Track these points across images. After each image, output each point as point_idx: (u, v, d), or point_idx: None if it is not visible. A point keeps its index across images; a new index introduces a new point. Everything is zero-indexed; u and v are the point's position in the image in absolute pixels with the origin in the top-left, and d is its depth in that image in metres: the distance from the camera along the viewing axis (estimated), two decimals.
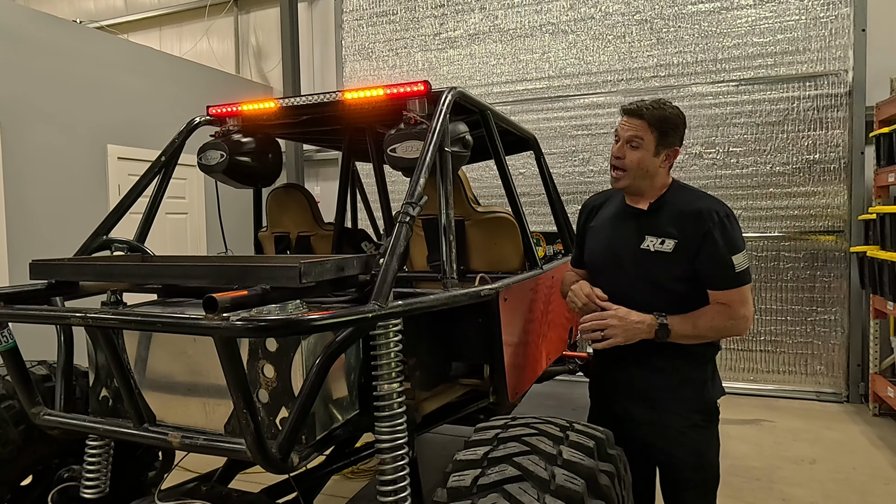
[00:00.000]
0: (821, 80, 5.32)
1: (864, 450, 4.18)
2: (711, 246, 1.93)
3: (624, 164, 2.02)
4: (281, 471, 1.53)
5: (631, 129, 2.02)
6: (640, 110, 2.01)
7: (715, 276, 1.95)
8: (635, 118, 2.02)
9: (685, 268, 1.97)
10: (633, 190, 2.08)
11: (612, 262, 2.10)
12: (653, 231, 2.01)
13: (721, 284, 1.95)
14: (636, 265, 2.02)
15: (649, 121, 2.00)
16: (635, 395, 2.09)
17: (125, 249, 2.29)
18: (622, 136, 2.04)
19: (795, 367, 5.51)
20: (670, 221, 2.00)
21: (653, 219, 2.03)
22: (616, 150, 2.04)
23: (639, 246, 2.02)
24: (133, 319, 1.47)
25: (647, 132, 2.00)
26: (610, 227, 2.16)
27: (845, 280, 5.32)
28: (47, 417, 1.79)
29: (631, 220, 2.09)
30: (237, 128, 2.61)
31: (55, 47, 4.84)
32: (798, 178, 5.43)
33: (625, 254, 2.06)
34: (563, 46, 6.19)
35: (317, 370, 1.46)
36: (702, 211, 1.96)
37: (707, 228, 1.93)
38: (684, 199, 2.05)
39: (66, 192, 4.86)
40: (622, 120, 2.06)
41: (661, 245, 1.98)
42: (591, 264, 2.21)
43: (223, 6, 7.59)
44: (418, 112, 2.15)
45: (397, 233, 1.70)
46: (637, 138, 2.00)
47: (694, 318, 1.95)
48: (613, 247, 2.11)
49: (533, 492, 1.34)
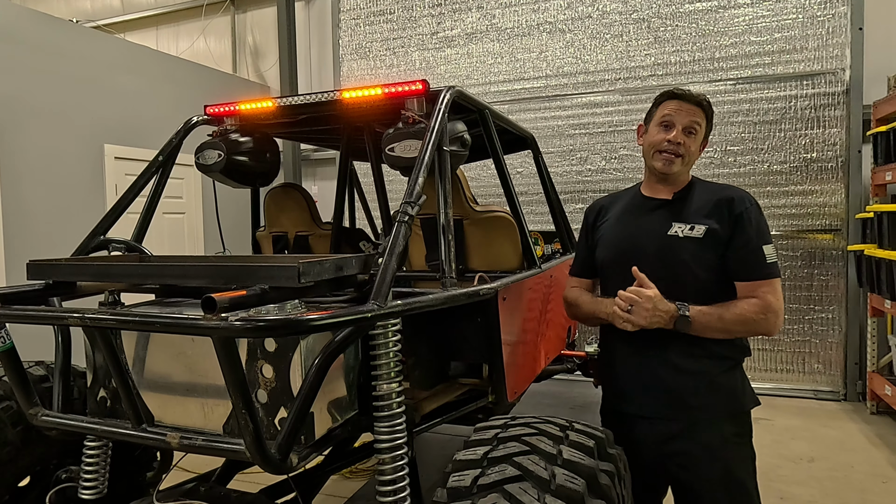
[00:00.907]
0: (818, 79, 5.33)
1: (862, 448, 4.19)
2: (744, 233, 1.87)
3: (680, 150, 1.94)
4: (280, 471, 1.52)
5: (690, 115, 1.94)
6: (696, 97, 1.95)
7: (746, 265, 1.88)
8: (692, 105, 1.94)
9: (715, 255, 1.89)
10: (672, 179, 2.01)
11: (631, 253, 1.98)
12: (681, 217, 1.94)
13: (752, 274, 1.87)
14: (661, 252, 1.93)
15: (706, 109, 1.96)
16: (657, 402, 1.93)
17: (123, 249, 2.28)
18: (678, 122, 1.94)
19: (793, 365, 5.52)
20: (700, 208, 1.94)
21: (680, 206, 1.98)
22: (674, 137, 1.93)
23: (665, 232, 1.94)
24: (131, 320, 1.47)
25: (703, 120, 1.96)
26: (627, 220, 2.07)
27: (843, 278, 5.33)
28: (45, 418, 1.78)
29: (654, 210, 2.02)
30: (235, 127, 2.60)
31: (52, 47, 4.82)
32: (795, 176, 5.44)
33: (648, 242, 1.97)
34: (560, 45, 6.18)
35: (316, 370, 1.46)
36: (734, 198, 1.91)
37: (740, 214, 1.88)
38: (712, 189, 2.01)
39: (63, 191, 4.84)
40: (675, 105, 1.95)
41: (690, 231, 1.91)
42: (606, 259, 2.09)
43: (220, 5, 7.57)
44: (416, 111, 2.14)
45: (396, 232, 1.70)
46: (696, 125, 1.94)
47: (720, 310, 1.84)
48: (634, 237, 2.01)
49: (533, 492, 1.33)
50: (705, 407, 1.90)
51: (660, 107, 2.00)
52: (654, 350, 1.93)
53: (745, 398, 1.95)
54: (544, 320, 2.88)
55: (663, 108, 1.98)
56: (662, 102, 1.99)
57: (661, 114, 1.98)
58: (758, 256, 1.87)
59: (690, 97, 1.94)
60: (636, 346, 1.96)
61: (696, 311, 1.83)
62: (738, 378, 1.95)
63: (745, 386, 1.96)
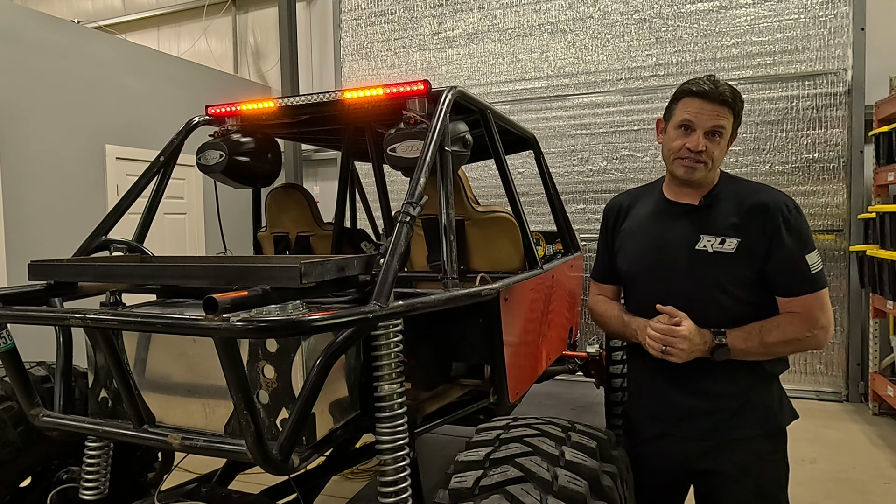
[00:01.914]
0: (820, 79, 5.32)
1: (864, 449, 4.18)
2: (783, 245, 1.68)
3: (704, 157, 1.72)
4: (281, 472, 1.52)
5: (714, 118, 1.69)
6: (721, 95, 1.68)
7: (789, 280, 1.69)
8: (717, 104, 1.69)
9: (750, 271, 1.71)
10: (695, 183, 1.78)
11: (658, 268, 1.83)
12: (710, 229, 1.74)
13: (796, 289, 1.69)
14: (690, 269, 1.75)
15: (732, 106, 1.71)
16: (689, 424, 1.81)
17: (124, 250, 2.28)
18: (700, 126, 1.70)
19: (794, 366, 5.50)
20: (731, 217, 1.73)
21: (708, 215, 1.77)
22: (695, 145, 1.70)
23: (694, 247, 1.75)
24: (132, 320, 1.46)
25: (728, 121, 1.72)
26: (651, 227, 1.87)
27: (845, 279, 5.32)
28: (46, 419, 1.78)
29: (680, 217, 1.81)
30: (236, 128, 2.60)
31: (53, 47, 4.83)
32: (797, 177, 5.43)
33: (675, 257, 1.78)
34: (561, 46, 6.18)
35: (317, 371, 1.45)
36: (769, 204, 1.70)
37: (776, 224, 1.68)
38: (743, 191, 1.78)
39: (64, 192, 4.84)
40: (697, 104, 1.70)
41: (720, 245, 1.71)
42: (631, 271, 1.91)
43: (221, 6, 7.58)
44: (418, 111, 2.14)
45: (398, 233, 1.69)
46: (721, 127, 1.71)
47: (762, 332, 1.68)
48: (659, 249, 1.82)
49: (535, 493, 1.33)
50: (740, 427, 1.77)
51: (679, 105, 1.76)
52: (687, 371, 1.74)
53: (783, 414, 1.82)
54: (546, 321, 2.88)
55: (683, 107, 1.74)
56: (681, 100, 1.75)
57: (680, 115, 1.74)
58: (800, 268, 1.69)
59: (714, 96, 1.69)
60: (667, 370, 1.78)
61: (734, 337, 1.68)
62: (774, 394, 1.81)
63: (782, 401, 1.83)
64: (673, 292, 1.77)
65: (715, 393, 1.77)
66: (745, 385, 1.77)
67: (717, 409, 1.78)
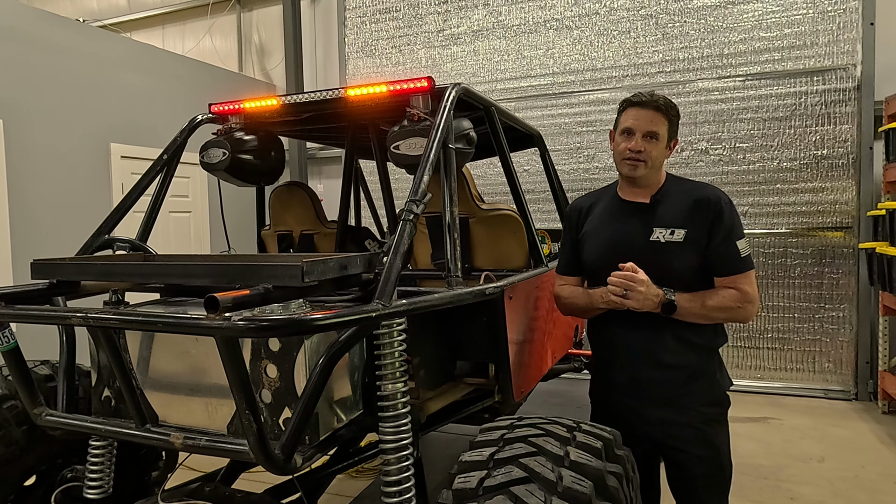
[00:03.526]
0: (829, 75, 5.27)
1: (873, 448, 4.14)
2: (720, 233, 1.96)
3: (643, 157, 2.00)
4: (284, 472, 1.51)
5: (647, 122, 1.99)
6: (655, 102, 1.99)
7: (724, 262, 1.98)
8: (651, 110, 1.99)
9: (697, 256, 1.99)
10: (642, 182, 2.07)
11: (618, 259, 2.04)
12: (661, 223, 2.02)
13: (730, 270, 1.98)
14: (647, 258, 1.99)
15: (665, 113, 2.00)
16: (645, 395, 2.07)
17: (127, 249, 2.27)
18: (638, 129, 2.00)
19: (803, 364, 5.47)
20: (677, 212, 2.01)
21: (658, 211, 2.04)
22: (634, 146, 2.00)
23: (648, 238, 2.02)
24: (134, 319, 1.46)
25: (662, 125, 2.01)
26: (610, 224, 2.14)
27: (854, 276, 5.27)
28: (49, 418, 1.78)
29: (634, 214, 2.08)
30: (240, 125, 2.59)
31: (58, 46, 4.84)
32: (806, 173, 5.39)
33: (632, 248, 2.03)
34: (567, 42, 6.15)
35: (320, 370, 1.45)
36: (709, 199, 1.99)
37: (714, 215, 1.97)
38: (685, 189, 2.08)
39: (69, 190, 4.86)
40: (634, 112, 2.02)
41: (671, 235, 1.99)
42: (594, 264, 2.16)
43: (226, 4, 7.58)
44: (422, 109, 2.13)
45: (401, 231, 1.68)
46: (655, 132, 2.00)
47: (703, 297, 1.97)
48: (619, 243, 2.08)
49: (540, 494, 1.32)
50: (690, 395, 2.04)
51: (622, 115, 2.06)
52: (643, 349, 2.05)
53: (723, 381, 2.12)
54: (551, 319, 2.86)
55: (625, 117, 2.04)
56: (624, 111, 2.06)
57: (623, 123, 2.04)
58: (733, 253, 1.97)
59: (648, 103, 1.99)
60: (626, 346, 2.08)
61: (681, 297, 1.94)
62: (715, 364, 2.10)
63: (722, 370, 2.12)
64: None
65: (668, 364, 2.03)
66: (694, 357, 2.04)
67: (670, 378, 2.04)
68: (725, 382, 2.12)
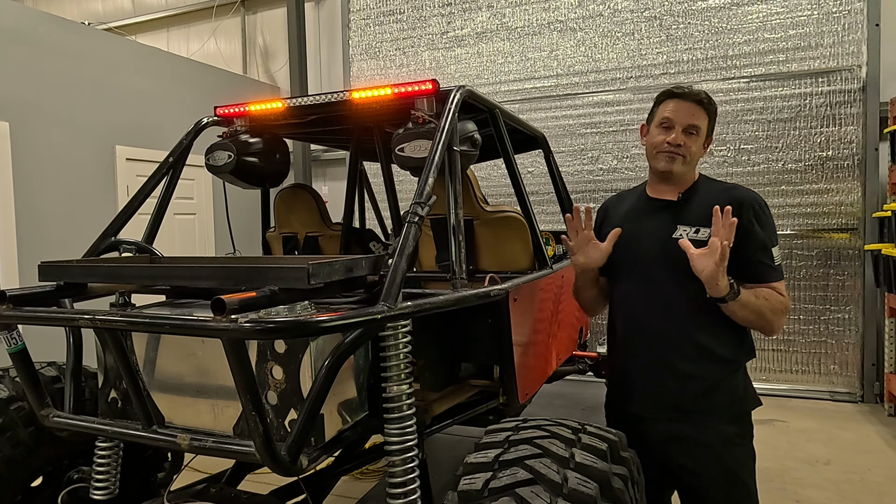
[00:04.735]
0: (834, 76, 5.26)
1: (880, 450, 4.12)
2: (753, 237, 1.85)
3: (682, 151, 1.92)
4: (290, 473, 1.51)
5: (689, 116, 1.91)
6: (697, 95, 1.92)
7: (755, 269, 1.87)
8: (692, 103, 1.91)
9: None
10: (675, 178, 1.97)
11: (636, 256, 1.99)
12: (686, 220, 1.92)
13: (763, 277, 1.87)
14: (665, 256, 1.90)
15: (706, 108, 1.93)
16: (659, 405, 1.95)
17: (133, 251, 2.29)
18: (678, 122, 1.91)
19: (809, 366, 5.45)
20: (705, 210, 1.86)
21: (685, 208, 1.95)
22: (674, 138, 1.90)
23: (670, 236, 1.92)
24: (141, 321, 1.46)
25: (703, 120, 1.93)
26: (632, 220, 2.05)
27: (859, 278, 5.26)
28: (56, 419, 1.79)
29: (658, 211, 2.00)
30: (245, 128, 2.60)
31: (64, 49, 4.86)
32: (811, 175, 5.37)
33: (652, 245, 1.95)
34: (571, 44, 6.15)
35: (326, 372, 1.45)
36: (742, 200, 1.87)
37: (749, 219, 1.85)
38: (717, 189, 1.97)
39: (75, 193, 4.88)
40: (674, 104, 1.93)
41: (695, 234, 1.88)
42: (614, 261, 2.06)
43: (230, 7, 7.61)
44: (426, 111, 2.13)
45: (406, 233, 1.68)
46: (696, 126, 1.92)
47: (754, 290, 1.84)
48: (638, 240, 1.99)
49: (545, 495, 1.32)
50: (708, 410, 1.91)
51: (660, 107, 1.98)
52: (658, 353, 1.93)
53: (747, 400, 1.96)
54: (556, 321, 2.86)
55: (663, 108, 1.96)
56: (662, 102, 1.98)
57: (660, 114, 1.96)
58: (768, 261, 1.86)
59: (689, 95, 1.92)
60: (641, 349, 1.97)
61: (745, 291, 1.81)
62: (740, 380, 1.95)
63: (747, 387, 1.97)
64: (650, 279, 1.95)
65: (683, 374, 1.91)
66: (713, 368, 1.90)
67: (684, 390, 1.91)
68: (749, 401, 1.95)
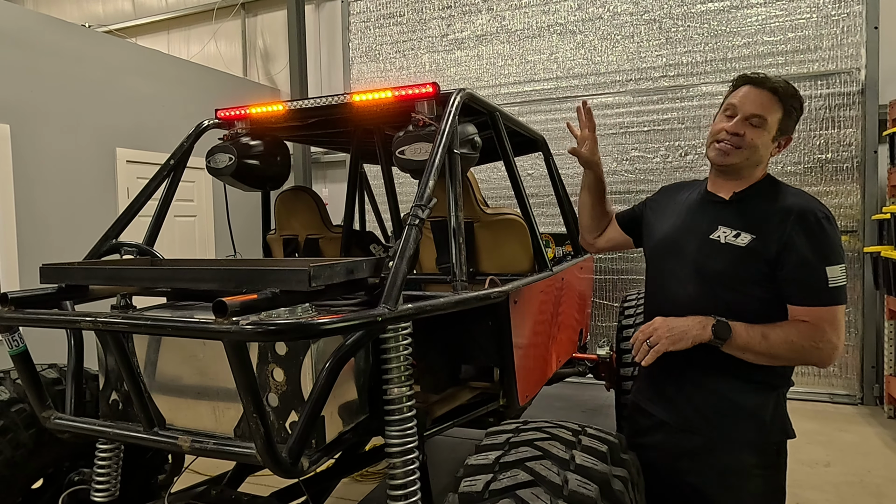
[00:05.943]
0: (833, 79, 5.27)
1: (879, 452, 4.12)
2: (800, 251, 1.62)
3: (740, 142, 1.70)
4: (291, 475, 1.52)
5: (756, 105, 1.68)
6: (774, 84, 1.70)
7: (801, 287, 1.62)
8: (766, 90, 1.69)
9: (758, 271, 1.67)
10: (732, 173, 1.77)
11: (671, 249, 1.85)
12: (729, 222, 1.73)
13: (807, 299, 1.62)
14: (698, 256, 1.75)
15: (781, 99, 1.69)
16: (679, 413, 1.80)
17: (134, 253, 2.29)
18: (742, 110, 1.70)
19: (808, 368, 5.44)
20: (754, 215, 1.71)
21: (733, 209, 1.76)
22: (732, 127, 1.70)
23: (708, 235, 1.74)
24: (142, 323, 1.47)
25: (774, 112, 1.69)
26: (681, 211, 1.89)
27: (859, 280, 5.26)
28: (58, 421, 1.79)
29: (706, 207, 1.82)
30: (245, 131, 2.61)
31: (64, 51, 4.87)
32: (810, 177, 5.38)
33: (688, 242, 1.79)
34: (571, 47, 6.16)
35: (326, 374, 1.45)
36: (794, 210, 1.66)
37: (795, 231, 1.63)
38: (775, 193, 1.75)
39: (75, 195, 4.88)
40: (745, 90, 1.72)
41: (734, 238, 1.69)
42: (653, 249, 1.96)
43: (230, 9, 7.62)
44: (427, 114, 2.14)
45: (406, 235, 1.69)
46: (762, 117, 1.69)
47: (765, 327, 1.62)
48: (677, 232, 1.85)
49: (546, 497, 1.32)
50: (727, 431, 1.73)
51: (731, 93, 1.78)
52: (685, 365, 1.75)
53: (774, 430, 1.74)
54: (556, 323, 2.86)
55: (734, 94, 1.76)
56: (736, 89, 1.77)
57: (728, 101, 1.76)
58: (816, 277, 1.61)
59: (765, 83, 1.70)
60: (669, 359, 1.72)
61: (736, 324, 1.63)
62: (769, 406, 1.74)
63: (776, 416, 1.75)
64: (680, 279, 1.80)
65: (704, 385, 1.76)
66: (737, 387, 1.73)
67: (702, 401, 1.77)
68: (775, 432, 1.73)
